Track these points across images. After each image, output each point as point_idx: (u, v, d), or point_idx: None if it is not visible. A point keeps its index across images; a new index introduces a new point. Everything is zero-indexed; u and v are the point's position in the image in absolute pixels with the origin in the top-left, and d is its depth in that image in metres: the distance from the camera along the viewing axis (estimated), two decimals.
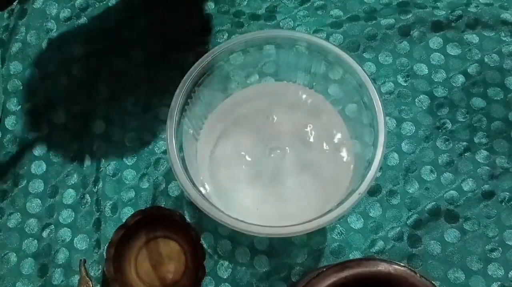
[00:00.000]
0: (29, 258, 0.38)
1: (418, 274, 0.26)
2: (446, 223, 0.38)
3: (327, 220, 0.29)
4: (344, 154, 0.37)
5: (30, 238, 0.39)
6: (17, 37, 0.43)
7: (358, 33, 0.43)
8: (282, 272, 0.38)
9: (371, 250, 0.38)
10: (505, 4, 0.44)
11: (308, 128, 0.37)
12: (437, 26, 0.43)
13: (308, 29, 0.43)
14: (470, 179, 0.39)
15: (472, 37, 0.43)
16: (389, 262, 0.27)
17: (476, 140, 0.40)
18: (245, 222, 0.29)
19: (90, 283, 0.37)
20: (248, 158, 0.36)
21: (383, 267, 0.26)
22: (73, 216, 0.39)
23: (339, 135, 0.37)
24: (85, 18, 0.44)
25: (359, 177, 0.32)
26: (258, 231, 0.29)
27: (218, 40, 0.43)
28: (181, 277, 0.37)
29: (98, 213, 0.39)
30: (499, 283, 0.37)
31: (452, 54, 0.42)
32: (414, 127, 0.41)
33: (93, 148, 0.41)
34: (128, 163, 0.40)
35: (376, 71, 0.42)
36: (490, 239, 0.38)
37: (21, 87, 0.42)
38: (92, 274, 0.38)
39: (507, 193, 0.39)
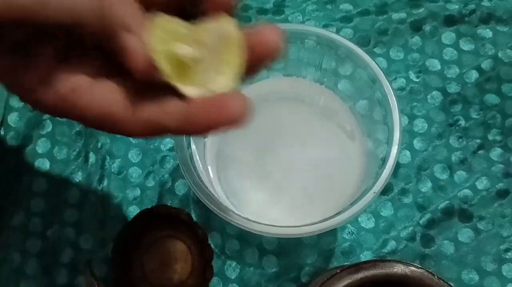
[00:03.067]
0: (33, 258, 0.38)
1: (436, 276, 0.25)
2: (460, 222, 0.37)
3: (341, 219, 0.28)
4: (354, 151, 0.36)
5: (34, 237, 0.38)
6: None
7: (369, 28, 0.42)
8: (292, 273, 0.37)
9: (382, 250, 0.37)
10: None
11: (318, 125, 0.36)
12: (450, 21, 0.42)
13: (317, 24, 0.42)
14: (484, 177, 0.38)
15: (486, 32, 0.42)
16: (406, 263, 0.26)
17: (490, 137, 0.39)
18: (256, 221, 0.29)
19: (96, 284, 0.36)
20: (257, 156, 0.36)
21: (399, 268, 0.25)
22: (78, 214, 0.38)
23: (349, 132, 0.36)
24: None
25: (372, 175, 0.32)
26: (269, 231, 0.28)
27: None
28: (188, 278, 0.37)
29: (103, 212, 0.38)
30: None
31: (465, 49, 0.41)
32: (426, 125, 0.40)
33: (97, 145, 0.40)
34: (133, 161, 0.40)
35: (388, 66, 0.41)
36: (505, 238, 0.37)
37: None
38: (97, 274, 0.37)
39: None
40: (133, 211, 0.38)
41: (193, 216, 0.38)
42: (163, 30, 0.18)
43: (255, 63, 0.19)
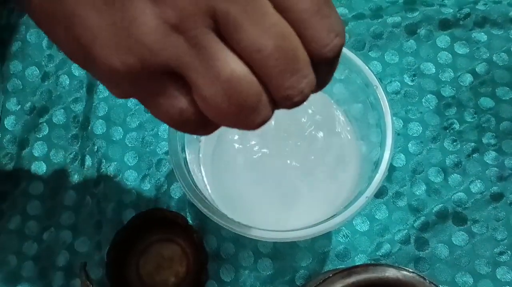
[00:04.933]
0: (29, 261, 0.38)
1: (427, 280, 0.25)
2: (454, 225, 0.38)
3: (334, 224, 0.28)
4: (349, 155, 0.36)
5: (30, 240, 0.38)
6: (17, 35, 0.43)
7: (364, 32, 0.42)
8: (286, 276, 0.37)
9: (377, 253, 0.37)
10: None
11: (312, 129, 0.37)
12: (445, 25, 0.42)
13: None
14: (479, 181, 0.38)
15: (481, 36, 0.42)
16: (398, 267, 0.26)
17: (484, 141, 0.39)
18: (249, 226, 0.29)
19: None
20: (251, 159, 0.36)
21: (391, 273, 0.26)
22: (74, 217, 0.39)
23: (344, 136, 0.36)
24: None
25: (365, 178, 0.32)
26: (263, 235, 0.29)
27: None
28: (183, 281, 0.37)
29: (99, 215, 0.38)
30: None
31: (460, 53, 0.42)
32: (421, 128, 0.40)
33: (94, 149, 0.40)
34: (129, 164, 0.40)
35: (382, 70, 0.41)
36: (499, 242, 0.37)
37: (21, 87, 0.42)
38: (93, 277, 0.37)
39: None
40: (129, 214, 0.38)
41: (189, 219, 0.38)
42: None
43: None
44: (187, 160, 0.32)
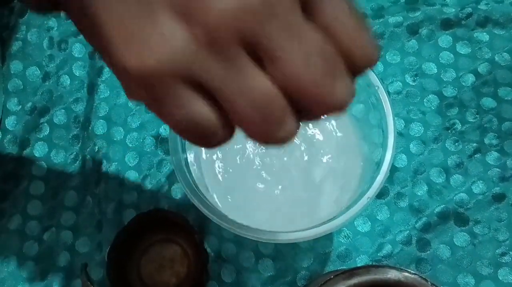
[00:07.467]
0: (29, 261, 0.38)
1: (429, 282, 0.25)
2: (456, 226, 0.37)
3: (335, 225, 0.28)
4: (351, 155, 0.36)
5: (31, 241, 0.38)
6: (18, 35, 0.43)
7: None
8: (288, 276, 0.37)
9: (378, 254, 0.37)
10: None
11: (314, 129, 0.37)
12: (447, 24, 0.42)
13: None
14: (480, 181, 0.38)
15: (483, 36, 0.42)
16: (399, 269, 0.26)
17: (486, 141, 0.39)
18: (250, 227, 0.29)
19: None
20: (252, 160, 0.36)
21: (393, 274, 0.25)
22: (75, 218, 0.39)
23: (346, 136, 0.36)
24: None
25: (367, 179, 0.32)
26: (264, 236, 0.28)
27: None
28: (184, 281, 0.37)
29: (99, 215, 0.38)
30: None
31: (462, 53, 0.41)
32: (422, 128, 0.40)
33: (94, 149, 0.40)
34: (130, 164, 0.40)
35: (384, 70, 0.41)
36: (501, 242, 0.37)
37: (22, 87, 0.42)
38: (94, 277, 0.37)
39: None
40: (129, 214, 0.38)
41: (190, 219, 0.38)
42: None
43: None
44: (188, 160, 0.32)
